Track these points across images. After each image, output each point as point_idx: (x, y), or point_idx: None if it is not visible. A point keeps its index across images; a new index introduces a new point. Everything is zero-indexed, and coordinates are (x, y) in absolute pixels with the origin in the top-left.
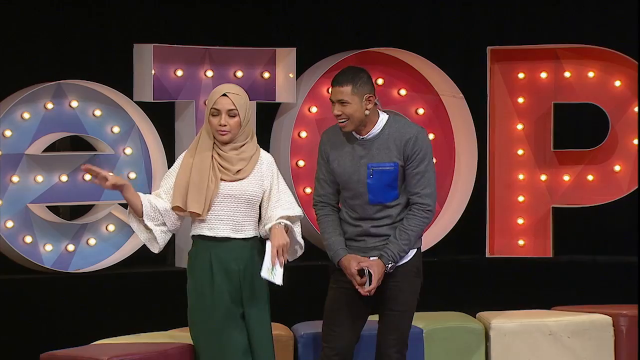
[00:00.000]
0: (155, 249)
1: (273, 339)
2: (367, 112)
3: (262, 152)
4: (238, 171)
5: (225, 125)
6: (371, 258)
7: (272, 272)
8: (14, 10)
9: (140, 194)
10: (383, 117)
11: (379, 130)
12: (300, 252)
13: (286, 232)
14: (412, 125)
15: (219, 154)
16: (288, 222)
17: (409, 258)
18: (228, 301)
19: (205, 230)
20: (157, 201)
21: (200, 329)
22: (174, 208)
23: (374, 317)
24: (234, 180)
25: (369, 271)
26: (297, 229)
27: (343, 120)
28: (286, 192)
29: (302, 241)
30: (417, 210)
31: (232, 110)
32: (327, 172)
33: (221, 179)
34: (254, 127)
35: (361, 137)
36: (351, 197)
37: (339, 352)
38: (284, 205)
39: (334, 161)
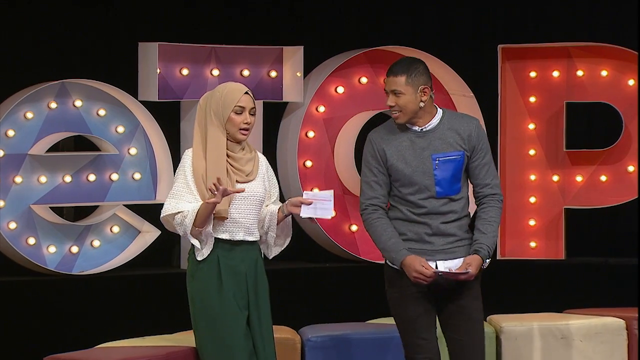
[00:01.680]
0: (207, 251)
1: (275, 342)
2: (421, 104)
3: (258, 152)
4: (249, 172)
5: (249, 123)
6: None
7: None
8: (17, 9)
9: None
10: (440, 110)
11: (438, 121)
12: (288, 241)
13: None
14: (470, 116)
15: (229, 155)
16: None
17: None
18: (235, 305)
19: (221, 233)
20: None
21: (206, 333)
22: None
23: (384, 320)
24: (246, 182)
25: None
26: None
27: (396, 111)
28: (277, 187)
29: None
30: (492, 201)
31: (253, 108)
32: (380, 172)
33: (236, 181)
34: (260, 129)
35: (420, 128)
36: (414, 192)
37: (432, 358)
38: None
39: (393, 157)
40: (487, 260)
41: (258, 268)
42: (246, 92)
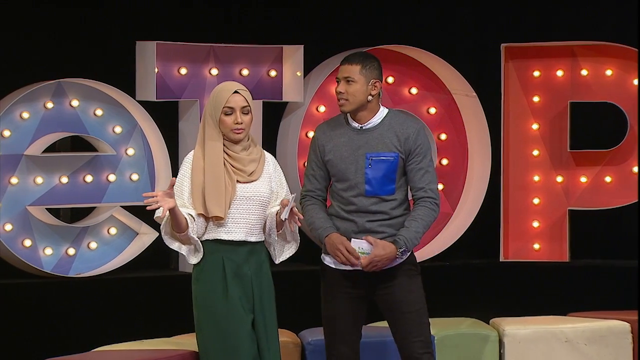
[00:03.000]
0: (196, 259)
1: (280, 345)
2: (370, 97)
3: (266, 152)
4: (251, 172)
5: (241, 123)
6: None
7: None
8: (14, 7)
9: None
10: (384, 110)
11: (379, 121)
12: (295, 247)
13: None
14: (413, 120)
15: (229, 155)
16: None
17: (404, 257)
18: (240, 308)
19: (222, 234)
20: (191, 211)
21: (210, 336)
22: (199, 215)
23: (382, 323)
24: (247, 182)
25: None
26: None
27: (343, 99)
28: (285, 188)
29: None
30: (424, 202)
31: (245, 107)
32: (318, 167)
33: (237, 181)
34: (259, 129)
35: (360, 125)
36: (346, 189)
37: None
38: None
39: (330, 152)
40: (402, 251)
41: (264, 270)
42: (236, 91)
